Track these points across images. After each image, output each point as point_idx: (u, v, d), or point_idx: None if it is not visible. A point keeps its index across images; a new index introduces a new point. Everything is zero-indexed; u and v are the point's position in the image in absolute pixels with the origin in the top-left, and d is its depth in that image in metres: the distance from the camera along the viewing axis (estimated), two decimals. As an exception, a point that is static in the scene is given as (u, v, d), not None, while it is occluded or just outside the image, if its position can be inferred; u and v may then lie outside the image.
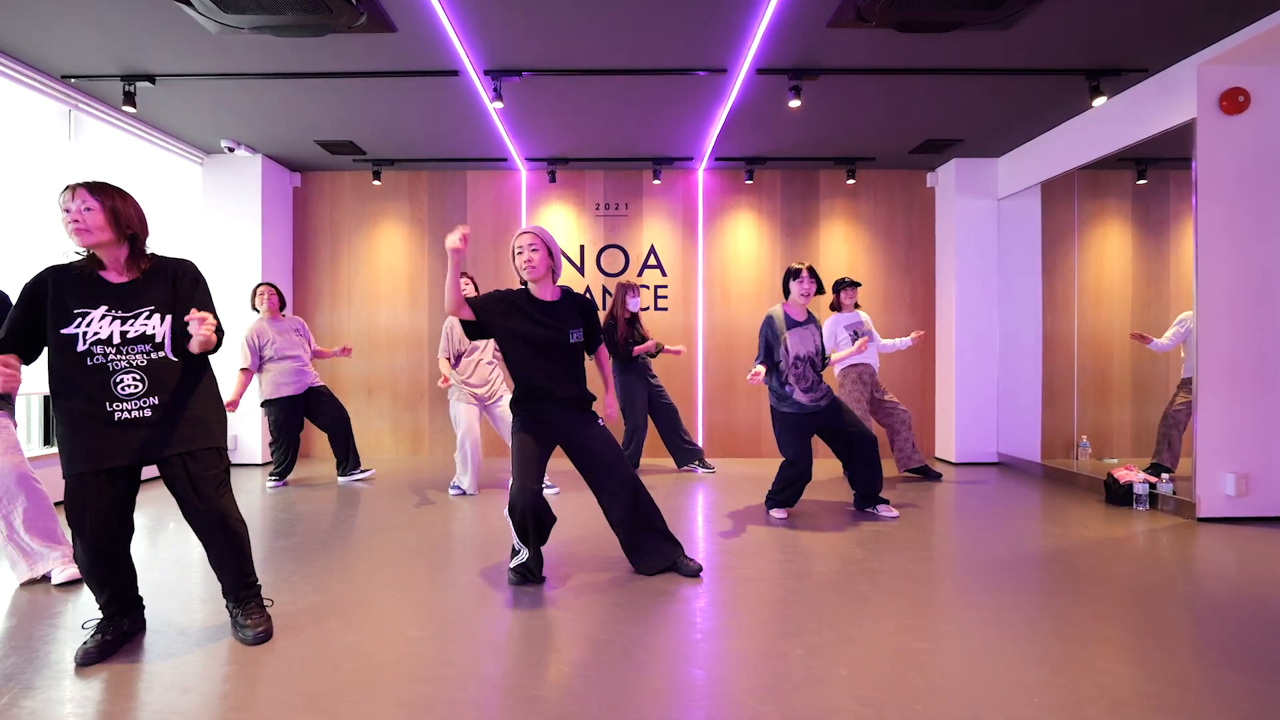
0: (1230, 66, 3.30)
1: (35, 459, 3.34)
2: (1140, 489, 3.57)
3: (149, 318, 1.77)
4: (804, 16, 2.99)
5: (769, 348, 3.22)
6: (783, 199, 5.38)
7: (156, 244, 1.96)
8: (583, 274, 5.42)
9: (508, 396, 3.76)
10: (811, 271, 3.28)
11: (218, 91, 3.79)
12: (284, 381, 4.04)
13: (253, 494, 3.95)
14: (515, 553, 2.39)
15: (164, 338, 1.79)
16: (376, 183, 5.23)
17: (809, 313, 3.32)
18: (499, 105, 3.63)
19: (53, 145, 3.75)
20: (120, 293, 1.77)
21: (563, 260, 5.41)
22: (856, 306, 4.31)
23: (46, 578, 2.40)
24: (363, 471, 4.34)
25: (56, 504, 2.57)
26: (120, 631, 1.86)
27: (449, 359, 3.75)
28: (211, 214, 4.95)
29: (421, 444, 5.44)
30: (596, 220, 5.42)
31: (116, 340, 1.73)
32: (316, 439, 5.28)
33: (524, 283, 2.46)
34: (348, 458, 4.26)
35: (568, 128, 4.42)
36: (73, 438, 1.72)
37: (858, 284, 4.31)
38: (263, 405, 4.11)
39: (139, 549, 2.79)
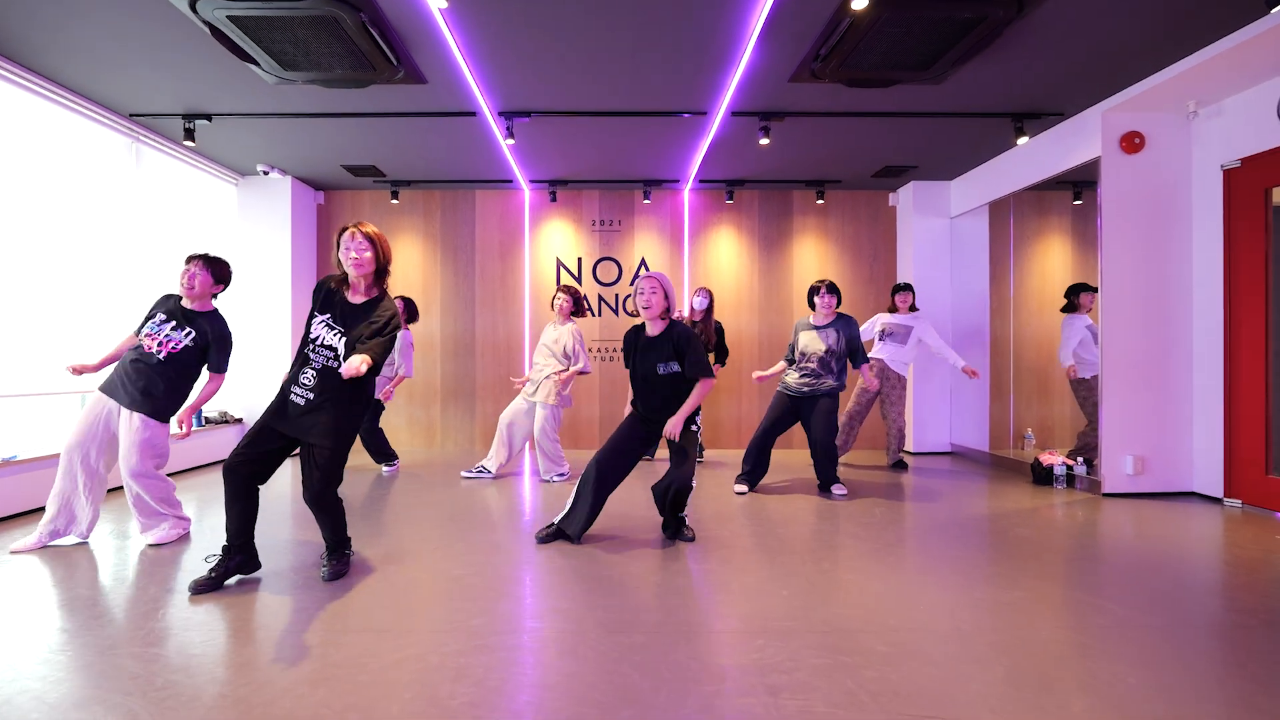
0: (1129, 113, 3.93)
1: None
2: (1059, 470, 4.18)
3: (340, 336, 2.38)
4: (769, 73, 3.58)
5: (791, 346, 4.03)
6: (760, 216, 5.99)
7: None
8: (580, 283, 5.99)
9: (542, 409, 4.25)
10: (830, 287, 3.94)
11: (263, 127, 4.34)
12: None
13: (292, 477, 4.48)
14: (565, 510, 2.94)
15: (341, 349, 2.37)
16: (394, 201, 5.79)
17: (839, 315, 3.94)
18: (510, 142, 4.20)
19: (119, 173, 4.28)
20: (347, 310, 2.41)
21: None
22: (912, 309, 4.91)
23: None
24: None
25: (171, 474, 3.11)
26: (228, 568, 2.40)
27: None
28: (245, 228, 5.48)
29: (434, 438, 5.98)
30: (593, 235, 6.00)
31: (320, 343, 2.37)
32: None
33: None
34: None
35: (568, 156, 5.00)
36: (274, 401, 2.40)
37: (906, 286, 4.89)
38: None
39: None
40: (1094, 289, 4.46)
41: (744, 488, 3.95)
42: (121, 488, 3.62)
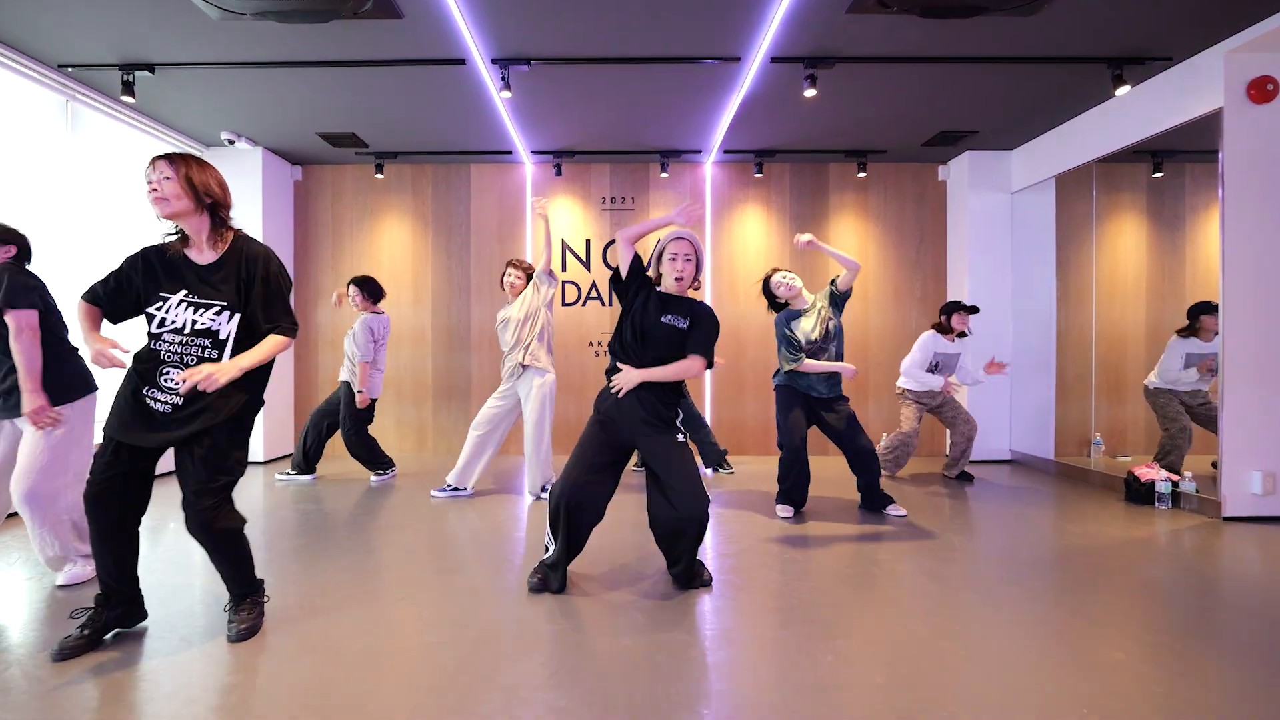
0: (1258, 54, 3.22)
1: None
2: (1162, 487, 3.49)
3: (219, 313, 1.76)
4: (823, 2, 2.90)
5: (792, 343, 3.25)
6: (792, 193, 5.30)
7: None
8: (589, 269, 5.33)
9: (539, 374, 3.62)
10: (784, 273, 3.37)
11: (218, 82, 3.70)
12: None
13: (259, 490, 3.88)
14: (546, 550, 2.32)
15: (228, 336, 1.77)
16: (379, 176, 5.15)
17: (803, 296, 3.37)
18: (507, 95, 3.54)
19: (51, 136, 3.66)
20: (201, 275, 1.77)
21: (569, 258, 5.33)
22: (963, 335, 4.09)
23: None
24: (299, 478, 4.24)
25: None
26: (104, 623, 1.81)
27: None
28: (212, 208, 4.85)
29: (426, 440, 5.36)
30: (603, 214, 5.33)
31: (187, 330, 1.74)
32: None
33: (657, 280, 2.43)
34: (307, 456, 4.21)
35: (575, 119, 4.33)
36: (118, 406, 1.77)
37: (975, 309, 4.09)
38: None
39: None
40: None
41: (788, 512, 3.30)
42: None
